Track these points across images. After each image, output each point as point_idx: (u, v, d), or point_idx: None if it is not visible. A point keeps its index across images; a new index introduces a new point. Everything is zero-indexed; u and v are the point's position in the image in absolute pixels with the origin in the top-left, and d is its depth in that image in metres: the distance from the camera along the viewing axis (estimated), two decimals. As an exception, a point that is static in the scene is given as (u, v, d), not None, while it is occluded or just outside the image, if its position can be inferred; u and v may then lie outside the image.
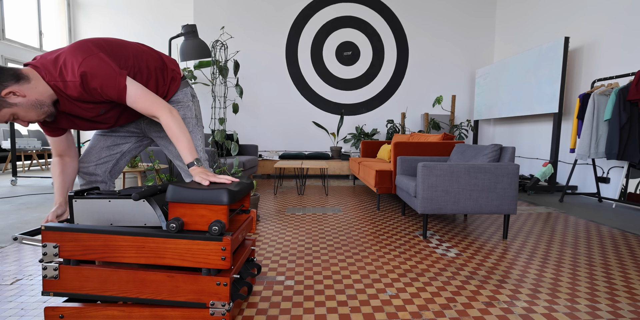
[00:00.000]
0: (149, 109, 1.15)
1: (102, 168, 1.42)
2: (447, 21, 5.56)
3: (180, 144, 1.17)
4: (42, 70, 1.07)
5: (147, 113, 1.16)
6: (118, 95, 1.11)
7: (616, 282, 1.46)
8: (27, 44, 5.67)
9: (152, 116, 1.17)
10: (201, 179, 1.13)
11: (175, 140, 1.17)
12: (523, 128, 4.79)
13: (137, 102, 1.13)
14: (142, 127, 1.45)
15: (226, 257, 1.02)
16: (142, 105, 1.14)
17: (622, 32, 3.31)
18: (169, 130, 1.16)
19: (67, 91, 1.09)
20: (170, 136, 1.17)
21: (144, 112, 1.16)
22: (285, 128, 5.63)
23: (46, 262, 1.05)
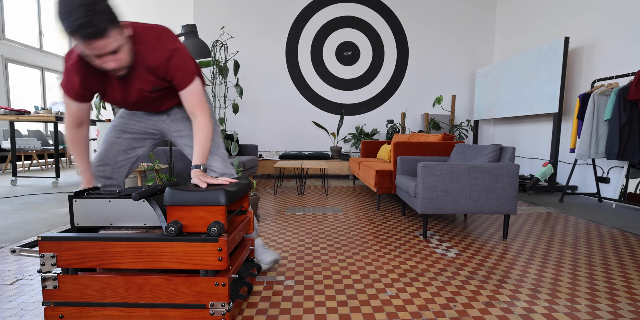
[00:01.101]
0: (196, 105, 1.21)
1: (119, 172, 1.42)
2: (447, 21, 5.56)
3: (200, 146, 1.21)
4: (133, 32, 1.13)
5: (191, 107, 1.21)
6: (183, 79, 1.18)
7: (616, 282, 1.46)
8: (27, 44, 5.67)
9: (193, 112, 1.22)
10: (199, 181, 1.15)
11: (200, 141, 1.21)
12: (523, 128, 4.79)
13: (193, 94, 1.20)
14: (162, 127, 1.44)
15: (223, 258, 1.02)
16: (194, 98, 1.21)
17: (622, 32, 3.31)
18: (200, 131, 1.21)
19: (148, 57, 1.13)
20: (197, 136, 1.21)
21: (190, 105, 1.21)
22: (285, 128, 5.63)
23: (45, 273, 1.05)
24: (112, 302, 1.05)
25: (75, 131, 1.25)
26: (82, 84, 1.16)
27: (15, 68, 5.56)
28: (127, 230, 1.12)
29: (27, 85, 5.83)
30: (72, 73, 1.14)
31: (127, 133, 1.41)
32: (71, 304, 1.05)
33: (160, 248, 1.03)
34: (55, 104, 4.49)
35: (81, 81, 1.15)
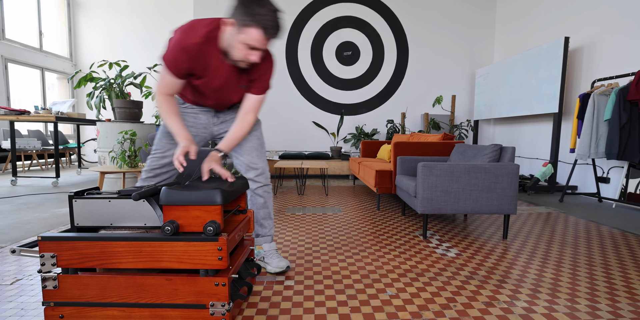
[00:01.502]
0: (255, 109, 1.40)
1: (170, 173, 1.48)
2: (447, 21, 5.56)
3: (234, 137, 1.37)
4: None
5: (250, 109, 1.38)
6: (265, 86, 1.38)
7: (616, 282, 1.46)
8: (27, 44, 5.67)
9: (248, 112, 1.38)
10: (207, 166, 1.27)
11: (237, 133, 1.38)
12: (523, 128, 4.79)
13: (261, 101, 1.40)
14: (212, 130, 1.51)
15: (223, 257, 1.02)
16: (259, 104, 1.40)
17: (622, 32, 3.31)
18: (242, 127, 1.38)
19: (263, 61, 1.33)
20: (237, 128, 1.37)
21: (250, 107, 1.38)
22: (285, 128, 5.63)
23: (45, 273, 1.05)
24: (112, 302, 1.05)
25: (167, 97, 1.29)
26: (189, 63, 1.21)
27: (15, 68, 5.56)
28: (127, 230, 1.12)
29: (27, 85, 5.83)
30: (185, 51, 1.18)
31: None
32: (71, 304, 1.05)
33: (160, 248, 1.03)
34: (55, 104, 4.49)
35: (190, 61, 1.21)
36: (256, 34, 1.12)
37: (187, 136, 1.27)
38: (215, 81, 1.30)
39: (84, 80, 3.74)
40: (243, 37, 1.14)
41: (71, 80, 5.82)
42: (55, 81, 6.43)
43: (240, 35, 1.14)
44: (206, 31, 1.19)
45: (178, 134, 1.27)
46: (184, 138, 1.26)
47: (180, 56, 1.19)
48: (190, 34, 1.18)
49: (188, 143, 1.24)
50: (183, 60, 1.20)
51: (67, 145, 5.66)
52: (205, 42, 1.20)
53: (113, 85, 3.70)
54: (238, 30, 1.14)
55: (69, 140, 6.65)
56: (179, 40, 1.17)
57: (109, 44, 6.38)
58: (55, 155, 3.98)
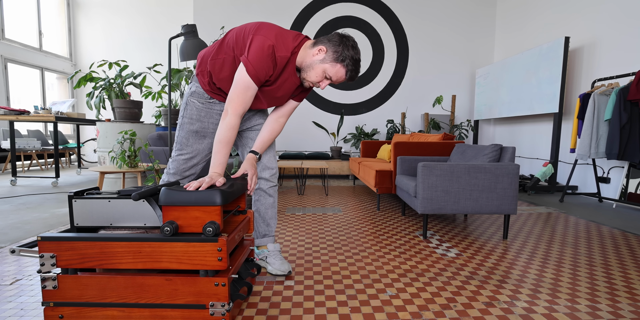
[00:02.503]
0: (290, 114, 1.46)
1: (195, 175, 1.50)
2: (447, 21, 5.56)
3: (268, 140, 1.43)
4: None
5: (285, 113, 1.44)
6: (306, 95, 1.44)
7: (616, 283, 1.46)
8: (26, 43, 5.67)
9: (282, 116, 1.43)
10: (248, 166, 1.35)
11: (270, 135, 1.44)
12: (523, 128, 4.79)
13: (295, 108, 1.46)
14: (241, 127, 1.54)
15: (223, 258, 1.02)
16: (293, 109, 1.46)
17: (622, 32, 3.31)
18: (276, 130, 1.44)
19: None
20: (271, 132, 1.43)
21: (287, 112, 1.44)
22: (285, 128, 5.63)
23: (44, 273, 1.05)
24: (111, 302, 1.05)
25: (239, 120, 1.24)
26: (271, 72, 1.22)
27: (15, 68, 5.56)
28: (126, 230, 1.12)
29: (27, 85, 5.83)
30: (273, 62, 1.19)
31: (208, 138, 1.45)
32: (71, 304, 1.05)
33: (160, 248, 1.02)
34: (54, 104, 4.49)
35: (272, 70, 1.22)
36: (341, 72, 1.23)
37: (222, 172, 1.24)
38: (280, 91, 1.33)
39: (84, 80, 3.74)
40: (329, 68, 1.22)
41: (71, 80, 5.82)
42: (55, 81, 6.43)
43: (326, 65, 1.21)
44: (294, 46, 1.22)
45: (217, 166, 1.22)
46: (217, 173, 1.21)
47: (267, 66, 1.18)
48: (281, 46, 1.18)
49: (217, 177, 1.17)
50: (267, 70, 1.19)
51: (67, 145, 5.66)
52: (290, 57, 1.23)
53: (113, 85, 3.70)
54: (326, 61, 1.21)
55: (68, 140, 6.65)
56: (270, 51, 1.16)
57: (109, 43, 6.38)
58: (55, 155, 3.98)
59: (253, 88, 1.21)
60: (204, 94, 1.40)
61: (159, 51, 6.35)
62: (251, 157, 1.38)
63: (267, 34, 1.16)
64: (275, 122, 1.43)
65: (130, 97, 3.87)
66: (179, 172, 1.44)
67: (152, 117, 5.59)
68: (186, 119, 1.40)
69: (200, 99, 1.40)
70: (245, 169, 1.36)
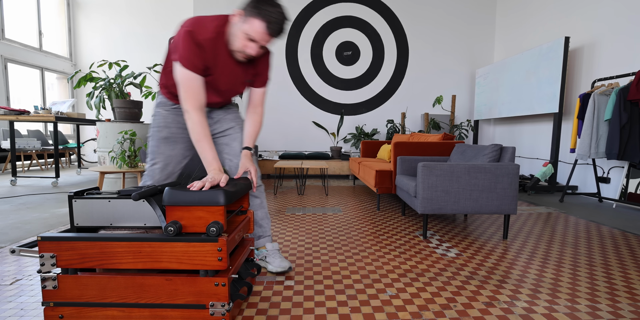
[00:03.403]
0: (262, 101, 1.47)
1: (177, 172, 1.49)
2: (447, 21, 5.56)
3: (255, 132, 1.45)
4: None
5: (258, 102, 1.45)
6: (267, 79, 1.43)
7: (616, 283, 1.46)
8: (26, 43, 5.67)
9: (257, 106, 1.45)
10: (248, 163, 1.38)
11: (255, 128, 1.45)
12: (523, 128, 4.79)
13: (265, 93, 1.46)
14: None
15: (223, 258, 1.02)
16: (264, 96, 1.46)
17: (622, 32, 3.31)
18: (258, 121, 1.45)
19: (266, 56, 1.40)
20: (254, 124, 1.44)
21: (259, 101, 1.45)
22: (285, 128, 5.63)
23: (44, 273, 1.05)
24: (111, 302, 1.05)
25: (202, 114, 1.23)
26: (204, 60, 1.21)
27: (15, 68, 5.56)
28: (126, 230, 1.12)
29: (27, 85, 5.83)
30: (199, 47, 1.18)
31: (179, 144, 1.44)
32: (71, 304, 1.05)
33: (160, 248, 1.02)
34: (54, 104, 4.49)
35: (203, 57, 1.21)
36: (259, 26, 1.15)
37: (219, 166, 1.22)
38: (224, 77, 1.30)
39: (84, 80, 3.74)
40: (246, 27, 1.17)
41: (71, 80, 5.82)
42: (55, 81, 6.43)
43: (244, 25, 1.17)
44: (215, 25, 1.20)
45: (210, 163, 1.21)
46: (215, 169, 1.20)
47: (195, 52, 1.18)
48: (201, 29, 1.17)
49: (218, 174, 1.16)
50: (198, 56, 1.19)
51: (67, 145, 5.65)
52: (216, 37, 1.21)
53: (113, 85, 3.70)
54: (244, 20, 1.17)
55: (68, 140, 6.65)
56: (191, 36, 1.16)
57: (109, 43, 6.38)
58: (55, 155, 3.97)
59: (195, 77, 1.20)
60: (167, 102, 1.44)
61: (159, 51, 6.35)
62: (247, 153, 1.39)
63: (184, 25, 1.18)
64: (253, 113, 1.45)
65: (130, 97, 3.87)
66: (156, 183, 1.42)
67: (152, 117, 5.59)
68: (155, 129, 1.42)
69: (165, 106, 1.43)
70: (246, 166, 1.36)
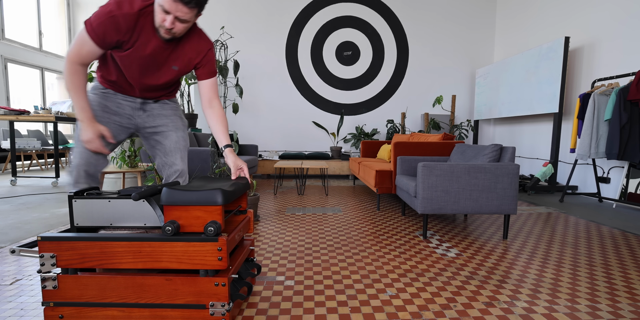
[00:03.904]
0: (216, 94, 1.40)
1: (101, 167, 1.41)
2: (448, 21, 5.56)
3: (225, 128, 1.40)
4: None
5: (211, 95, 1.39)
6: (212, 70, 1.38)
7: (616, 283, 1.46)
8: (26, 43, 5.67)
9: (211, 100, 1.39)
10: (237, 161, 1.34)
11: (223, 124, 1.40)
12: (523, 128, 4.79)
13: (215, 85, 1.40)
14: (136, 122, 1.46)
15: (223, 258, 1.02)
16: (215, 89, 1.40)
17: (622, 32, 3.31)
18: (222, 116, 1.40)
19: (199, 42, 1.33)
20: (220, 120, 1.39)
21: (211, 93, 1.39)
22: (285, 128, 5.63)
23: (44, 273, 1.05)
24: (111, 302, 1.05)
25: (79, 67, 1.23)
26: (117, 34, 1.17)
27: (15, 68, 5.56)
28: (126, 230, 1.12)
29: (27, 85, 5.83)
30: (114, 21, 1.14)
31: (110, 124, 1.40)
32: (71, 304, 1.05)
33: (160, 248, 1.02)
34: (55, 104, 4.48)
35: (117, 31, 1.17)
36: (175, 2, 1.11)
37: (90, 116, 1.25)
38: (140, 54, 1.25)
39: (84, 80, 3.73)
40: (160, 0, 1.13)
41: (71, 80, 5.80)
42: (55, 81, 6.42)
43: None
44: (143, 5, 1.17)
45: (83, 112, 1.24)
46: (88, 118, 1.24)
47: (108, 25, 1.15)
48: (126, 4, 1.15)
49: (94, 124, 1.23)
50: (109, 29, 1.15)
51: (67, 145, 5.65)
52: (139, 15, 1.17)
53: (113, 85, 3.69)
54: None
55: (68, 140, 6.65)
56: (111, 9, 1.14)
57: (109, 43, 6.38)
58: (55, 155, 3.97)
59: (89, 44, 1.18)
60: (99, 86, 1.42)
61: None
62: (229, 151, 1.37)
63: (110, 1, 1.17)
64: (211, 108, 1.41)
65: (130, 97, 3.86)
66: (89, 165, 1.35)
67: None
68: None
69: (95, 90, 1.41)
70: (238, 164, 1.35)
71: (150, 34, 1.23)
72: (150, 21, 1.21)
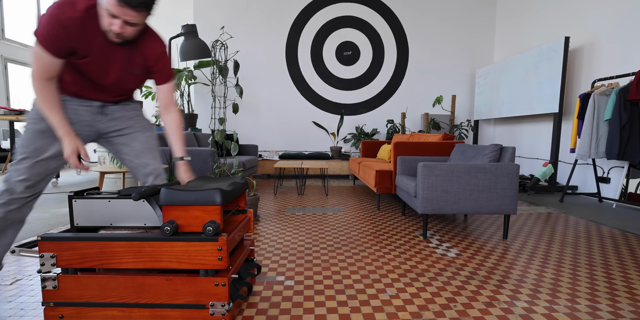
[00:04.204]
0: (172, 100, 1.37)
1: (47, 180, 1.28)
2: (447, 21, 5.56)
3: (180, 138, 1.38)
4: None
5: (167, 101, 1.36)
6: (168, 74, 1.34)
7: (616, 282, 1.46)
8: (27, 43, 5.67)
9: (168, 106, 1.36)
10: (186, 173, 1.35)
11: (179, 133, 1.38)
12: (523, 128, 4.79)
13: (171, 90, 1.36)
14: (98, 128, 1.35)
15: (223, 257, 1.02)
16: (171, 94, 1.37)
17: (622, 32, 3.31)
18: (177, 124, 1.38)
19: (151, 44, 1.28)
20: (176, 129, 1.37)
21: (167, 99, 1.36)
22: (285, 128, 5.63)
23: (44, 273, 1.05)
24: (111, 302, 1.05)
25: (46, 83, 1.17)
26: (69, 40, 1.11)
27: (15, 68, 5.56)
28: (126, 230, 1.12)
29: (27, 85, 5.83)
30: (62, 26, 1.08)
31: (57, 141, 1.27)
32: (71, 304, 1.05)
33: (160, 248, 1.02)
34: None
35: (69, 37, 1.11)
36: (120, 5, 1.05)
37: (69, 130, 1.19)
38: (101, 61, 1.20)
39: (84, 80, 3.73)
40: (104, 3, 1.07)
41: (71, 80, 5.81)
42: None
43: (102, 2, 1.08)
44: (87, 6, 1.11)
45: (61, 128, 1.17)
46: (67, 133, 1.18)
47: (56, 31, 1.08)
48: (68, 8, 1.09)
49: (73, 139, 1.17)
50: (60, 36, 1.09)
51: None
52: (86, 17, 1.11)
53: (113, 85, 3.69)
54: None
55: (68, 140, 6.64)
56: (54, 14, 1.07)
57: (109, 43, 6.38)
58: (55, 155, 3.97)
59: (46, 57, 1.12)
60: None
61: (159, 51, 6.34)
62: (183, 164, 1.35)
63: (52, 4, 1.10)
64: (166, 115, 1.37)
65: (130, 97, 3.86)
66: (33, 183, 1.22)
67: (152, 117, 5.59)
68: (31, 120, 1.24)
69: None
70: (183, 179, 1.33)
71: (102, 38, 1.17)
72: (98, 24, 1.14)
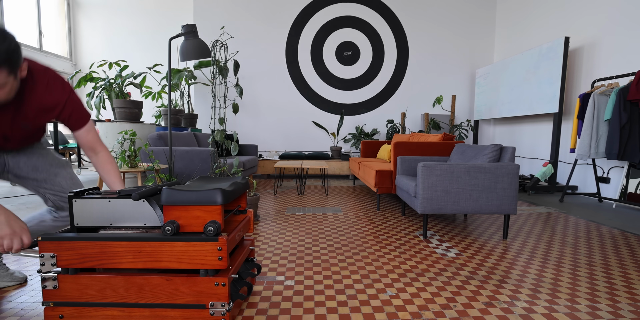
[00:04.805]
0: (96, 141, 1.33)
1: None
2: (447, 21, 5.56)
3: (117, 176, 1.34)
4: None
5: (92, 144, 1.32)
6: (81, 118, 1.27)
7: (616, 282, 1.46)
8: (27, 43, 5.67)
9: (94, 148, 1.32)
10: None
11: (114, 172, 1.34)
12: (523, 128, 4.79)
13: (92, 131, 1.31)
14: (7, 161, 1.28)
15: (223, 257, 1.02)
16: (93, 135, 1.32)
17: (622, 32, 3.31)
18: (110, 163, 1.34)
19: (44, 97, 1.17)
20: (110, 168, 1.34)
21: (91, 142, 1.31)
22: (285, 128, 5.63)
23: (44, 273, 1.05)
24: (112, 302, 1.05)
25: None
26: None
27: (15, 68, 5.55)
28: (127, 230, 1.12)
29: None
30: None
31: None
32: (71, 304, 1.05)
33: (160, 248, 1.03)
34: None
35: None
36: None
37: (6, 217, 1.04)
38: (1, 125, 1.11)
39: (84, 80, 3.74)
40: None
41: (71, 80, 5.82)
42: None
43: None
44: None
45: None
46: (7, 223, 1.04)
47: None
48: None
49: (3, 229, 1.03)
50: None
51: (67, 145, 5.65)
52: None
53: (113, 85, 3.70)
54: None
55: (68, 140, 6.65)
56: None
57: (109, 43, 6.38)
58: (55, 155, 3.97)
59: None
60: None
61: (159, 51, 6.35)
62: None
63: None
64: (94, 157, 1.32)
65: (130, 97, 3.87)
66: None
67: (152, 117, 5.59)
68: None
69: None
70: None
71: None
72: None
